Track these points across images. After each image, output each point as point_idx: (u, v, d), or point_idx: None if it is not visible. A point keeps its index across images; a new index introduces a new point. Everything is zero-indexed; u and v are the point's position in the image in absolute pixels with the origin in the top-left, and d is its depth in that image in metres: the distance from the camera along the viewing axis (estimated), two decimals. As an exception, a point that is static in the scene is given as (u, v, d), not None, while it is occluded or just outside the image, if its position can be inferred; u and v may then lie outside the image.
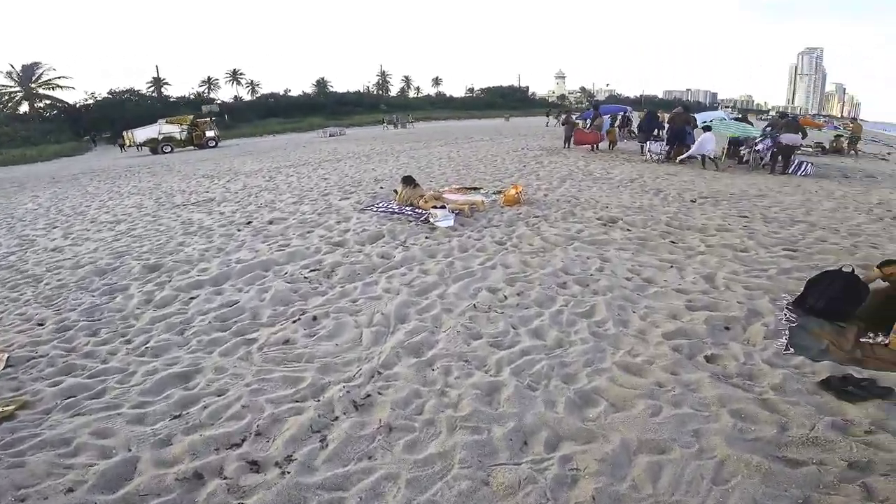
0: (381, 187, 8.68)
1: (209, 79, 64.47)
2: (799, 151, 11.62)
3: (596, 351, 2.97)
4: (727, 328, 3.24)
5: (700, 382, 2.60)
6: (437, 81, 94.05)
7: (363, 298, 3.87)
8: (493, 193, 7.66)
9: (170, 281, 4.47)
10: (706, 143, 11.41)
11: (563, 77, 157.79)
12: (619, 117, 19.03)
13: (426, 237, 5.45)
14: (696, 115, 15.23)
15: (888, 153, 19.34)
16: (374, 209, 6.85)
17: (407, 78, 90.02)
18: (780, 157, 10.92)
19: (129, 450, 2.24)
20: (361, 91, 73.25)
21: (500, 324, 3.36)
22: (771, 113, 69.54)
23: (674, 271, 4.24)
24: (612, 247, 4.95)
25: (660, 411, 2.36)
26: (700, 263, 4.44)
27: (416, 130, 33.44)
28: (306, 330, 3.40)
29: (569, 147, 15.49)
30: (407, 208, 6.67)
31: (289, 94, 62.88)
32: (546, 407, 2.45)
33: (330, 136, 30.76)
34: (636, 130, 17.00)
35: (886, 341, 2.95)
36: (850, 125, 19.54)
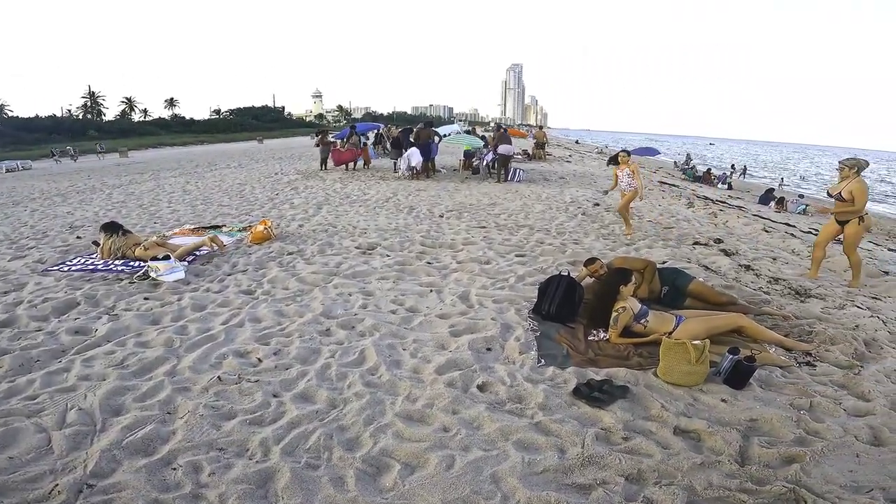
0: (80, 237, 6.59)
1: None
2: (513, 160, 14.03)
3: (374, 404, 2.67)
4: (489, 349, 3.34)
5: (480, 418, 2.56)
6: (172, 103, 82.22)
7: (46, 392, 2.78)
8: (238, 231, 6.66)
9: None
10: (412, 156, 12.79)
11: (320, 96, 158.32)
12: (374, 134, 19.73)
13: (145, 298, 4.23)
14: (438, 129, 16.93)
15: (570, 156, 25.44)
16: (65, 268, 5.07)
17: (129, 99, 75.85)
18: (500, 167, 12.93)
19: None
20: (59, 115, 57.89)
21: (256, 395, 2.75)
22: (491, 125, 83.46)
23: (434, 295, 4.27)
24: (374, 277, 4.74)
25: (453, 462, 2.21)
26: (455, 282, 4.61)
27: (138, 159, 27.93)
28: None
29: (326, 168, 15.17)
30: (116, 262, 5.15)
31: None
32: (335, 487, 2.05)
33: (7, 171, 22.98)
34: (389, 147, 17.86)
35: (607, 336, 3.47)
36: (535, 133, 24.69)
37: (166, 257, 4.69)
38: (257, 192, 10.76)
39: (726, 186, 20.63)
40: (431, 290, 4.37)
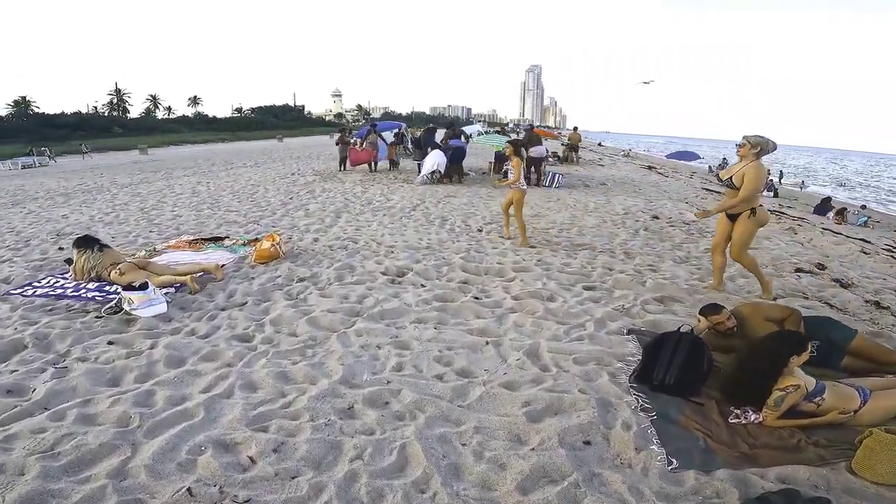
0: (62, 248, 5.67)
1: None
2: (546, 162, 12.88)
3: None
4: (587, 442, 2.26)
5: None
6: (195, 101, 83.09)
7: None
8: (243, 245, 5.63)
9: None
10: (436, 158, 11.66)
11: (340, 95, 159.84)
12: (394, 134, 18.79)
13: (109, 342, 3.23)
14: (463, 129, 15.91)
15: (601, 159, 24.13)
16: (29, 291, 4.12)
17: (154, 97, 76.62)
18: (533, 170, 11.82)
19: None
20: (85, 112, 58.34)
21: (245, 528, 1.71)
22: (509, 125, 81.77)
23: (491, 350, 3.14)
24: (408, 319, 3.60)
25: None
26: (515, 329, 3.46)
27: (157, 157, 27.46)
28: None
29: (344, 169, 14.26)
30: (89, 286, 4.18)
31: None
32: None
33: (22, 167, 22.48)
34: (411, 147, 16.87)
35: (759, 418, 2.36)
36: (569, 135, 23.46)
37: (143, 286, 3.66)
38: (270, 196, 9.81)
39: (772, 194, 19.06)
40: (487, 342, 3.23)
